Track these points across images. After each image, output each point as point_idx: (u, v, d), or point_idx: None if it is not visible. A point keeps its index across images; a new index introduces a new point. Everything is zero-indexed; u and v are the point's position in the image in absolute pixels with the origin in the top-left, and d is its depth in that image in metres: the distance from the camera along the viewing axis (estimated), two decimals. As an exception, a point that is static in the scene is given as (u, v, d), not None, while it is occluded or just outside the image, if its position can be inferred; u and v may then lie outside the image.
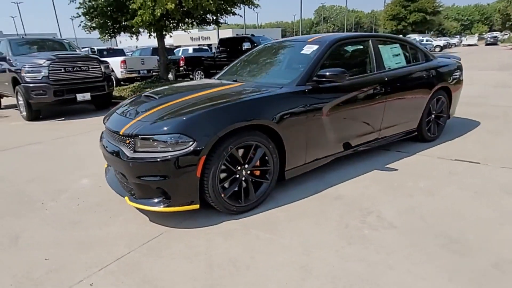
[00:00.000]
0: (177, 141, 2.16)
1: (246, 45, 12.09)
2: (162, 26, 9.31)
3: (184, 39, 37.24)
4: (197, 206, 2.29)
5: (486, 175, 3.02)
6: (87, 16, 8.67)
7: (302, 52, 3.07)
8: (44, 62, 6.14)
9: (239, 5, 10.63)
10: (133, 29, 9.10)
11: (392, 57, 3.59)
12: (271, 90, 2.64)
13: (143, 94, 3.04)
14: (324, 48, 3.00)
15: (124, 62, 12.39)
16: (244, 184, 2.47)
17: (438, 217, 2.35)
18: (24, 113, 6.55)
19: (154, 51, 14.77)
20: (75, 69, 6.48)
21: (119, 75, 12.01)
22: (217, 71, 10.49)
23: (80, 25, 8.87)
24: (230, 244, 2.12)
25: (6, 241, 2.27)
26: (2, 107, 8.41)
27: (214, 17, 11.12)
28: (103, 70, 6.95)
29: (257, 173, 2.57)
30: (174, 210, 2.27)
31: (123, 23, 9.00)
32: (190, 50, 17.70)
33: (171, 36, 11.72)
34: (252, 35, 12.87)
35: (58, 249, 2.13)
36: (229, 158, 2.34)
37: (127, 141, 2.31)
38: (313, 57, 2.93)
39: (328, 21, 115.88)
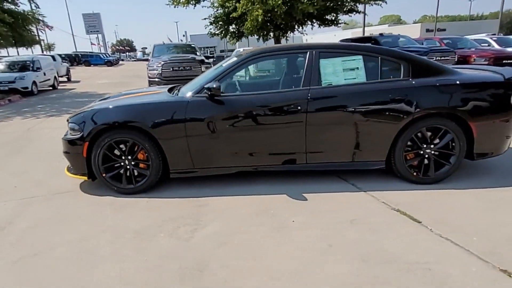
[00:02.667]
0: (73, 128, 3.00)
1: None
2: (269, 31, 10.25)
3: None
4: (85, 178, 3.06)
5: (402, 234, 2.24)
6: (213, 25, 10.71)
7: (224, 63, 3.18)
8: (159, 63, 8.26)
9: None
10: (245, 34, 10.54)
11: (341, 72, 3.02)
12: (159, 99, 3.02)
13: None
14: (239, 61, 3.02)
15: None
16: (133, 172, 3.03)
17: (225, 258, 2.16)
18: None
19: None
20: (180, 69, 8.34)
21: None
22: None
23: (209, 33, 11.01)
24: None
25: None
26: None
27: (333, 17, 10.97)
28: (202, 70, 8.54)
29: (142, 165, 3.05)
30: (74, 177, 3.14)
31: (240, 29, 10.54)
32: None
33: (286, 39, 12.36)
34: (381, 34, 11.65)
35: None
36: (110, 148, 2.95)
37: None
38: (222, 69, 3.03)
39: None
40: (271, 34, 11.29)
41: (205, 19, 10.79)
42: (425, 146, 3.00)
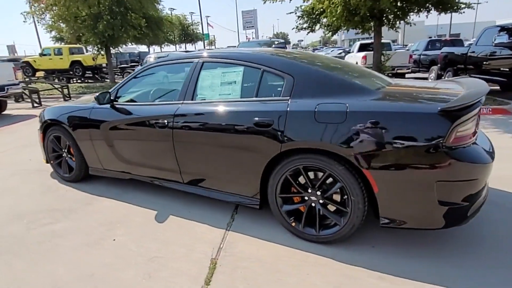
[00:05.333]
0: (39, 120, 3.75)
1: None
2: (357, 22, 8.97)
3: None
4: (45, 161, 3.81)
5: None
6: (301, 19, 10.24)
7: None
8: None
9: None
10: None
11: (218, 86, 2.54)
12: (82, 103, 3.38)
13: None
14: (137, 70, 3.03)
15: (365, 57, 12.73)
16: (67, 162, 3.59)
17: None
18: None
19: (431, 43, 13.31)
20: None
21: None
22: (467, 73, 8.21)
23: (296, 27, 10.60)
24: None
25: None
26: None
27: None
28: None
29: (73, 159, 3.52)
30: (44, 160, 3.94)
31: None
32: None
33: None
34: None
35: None
36: (55, 139, 3.53)
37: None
38: (126, 80, 3.10)
39: None
40: (368, 25, 9.87)
41: (290, 13, 10.46)
42: (309, 191, 2.23)
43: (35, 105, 9.14)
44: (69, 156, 3.53)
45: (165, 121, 2.63)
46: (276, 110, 2.19)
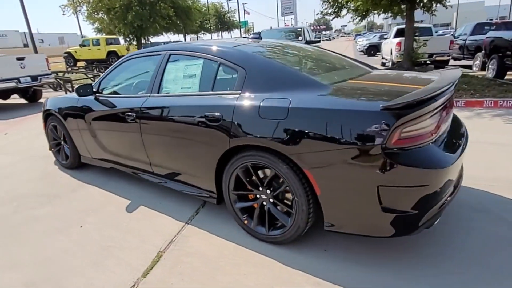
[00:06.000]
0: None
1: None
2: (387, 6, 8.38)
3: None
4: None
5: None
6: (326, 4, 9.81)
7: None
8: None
9: None
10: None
11: (181, 79, 2.51)
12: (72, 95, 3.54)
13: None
14: (117, 63, 3.09)
15: (399, 44, 11.89)
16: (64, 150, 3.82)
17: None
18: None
19: (479, 27, 12.09)
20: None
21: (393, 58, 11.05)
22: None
23: (321, 12, 10.16)
24: None
25: None
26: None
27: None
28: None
29: (68, 146, 3.74)
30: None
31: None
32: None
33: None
34: None
35: None
36: (53, 128, 3.78)
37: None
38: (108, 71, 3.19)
39: None
40: (397, 8, 9.18)
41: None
42: (260, 190, 2.16)
43: (68, 93, 9.83)
44: (65, 144, 3.76)
45: (134, 113, 2.68)
46: (225, 104, 2.12)
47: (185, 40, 35.29)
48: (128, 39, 14.09)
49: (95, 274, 2.01)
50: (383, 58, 13.10)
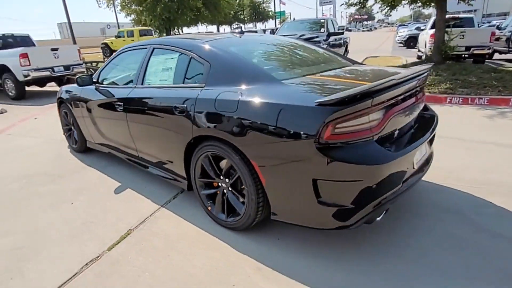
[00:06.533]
0: (59, 98, 4.42)
1: None
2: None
3: None
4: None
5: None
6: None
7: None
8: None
9: None
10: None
11: (160, 72, 2.67)
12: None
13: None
14: (114, 55, 3.32)
15: (433, 36, 11.19)
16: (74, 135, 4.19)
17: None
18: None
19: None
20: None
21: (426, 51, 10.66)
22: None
23: (346, 3, 9.82)
24: None
25: None
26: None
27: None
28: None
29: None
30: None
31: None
32: None
33: None
34: None
35: None
36: (64, 114, 4.16)
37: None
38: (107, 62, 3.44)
39: None
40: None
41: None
42: (221, 178, 2.28)
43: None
44: (75, 130, 4.12)
45: (121, 103, 2.90)
46: (190, 97, 2.26)
47: (218, 31, 35.73)
48: (158, 31, 14.64)
49: (69, 246, 2.26)
50: (418, 50, 12.40)
